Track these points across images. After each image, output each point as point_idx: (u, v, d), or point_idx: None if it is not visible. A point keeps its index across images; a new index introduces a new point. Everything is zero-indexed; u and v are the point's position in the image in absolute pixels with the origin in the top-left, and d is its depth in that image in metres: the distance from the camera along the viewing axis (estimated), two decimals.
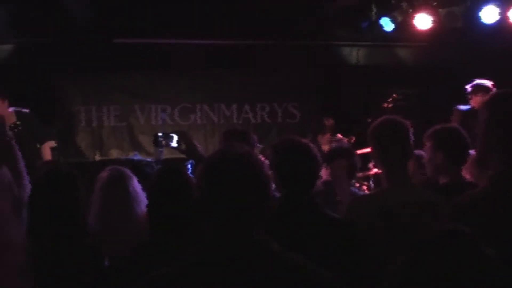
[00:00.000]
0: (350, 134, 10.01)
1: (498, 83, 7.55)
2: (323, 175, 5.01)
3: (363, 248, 3.20)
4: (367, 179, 8.74)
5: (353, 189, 5.50)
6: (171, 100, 11.69)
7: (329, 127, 11.01)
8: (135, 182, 4.10)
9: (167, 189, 3.17)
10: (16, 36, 10.34)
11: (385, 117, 3.87)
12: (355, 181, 6.83)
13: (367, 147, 7.95)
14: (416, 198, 3.53)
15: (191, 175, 3.58)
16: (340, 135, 9.60)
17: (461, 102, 7.97)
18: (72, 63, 10.69)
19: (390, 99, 9.48)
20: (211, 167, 2.16)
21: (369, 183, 8.63)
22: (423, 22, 9.49)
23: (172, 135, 5.64)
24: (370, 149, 3.99)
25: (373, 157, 4.01)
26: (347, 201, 4.15)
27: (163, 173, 3.35)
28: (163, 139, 5.72)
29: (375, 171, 8.24)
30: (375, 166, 8.04)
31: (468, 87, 7.89)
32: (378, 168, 4.12)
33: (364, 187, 8.00)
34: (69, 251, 3.26)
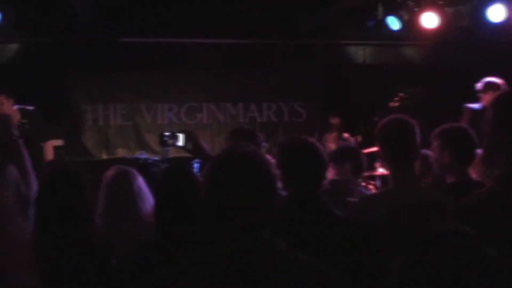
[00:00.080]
0: (356, 133, 10.01)
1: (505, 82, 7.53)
2: (330, 174, 5.00)
3: (370, 248, 3.19)
4: (374, 178, 8.72)
5: (360, 188, 5.50)
6: (177, 99, 11.69)
7: (335, 126, 10.99)
8: (140, 181, 4.11)
9: (173, 188, 3.18)
10: (22, 35, 10.37)
11: (391, 117, 3.86)
12: (362, 181, 6.81)
13: (373, 146, 7.95)
14: (423, 197, 3.52)
15: (197, 174, 3.57)
16: (346, 134, 9.59)
17: (468, 101, 7.93)
18: (78, 62, 10.71)
19: (397, 98, 9.47)
20: (217, 166, 2.16)
21: (376, 183, 8.61)
22: (429, 21, 9.48)
23: (179, 134, 5.61)
24: (376, 149, 3.97)
25: (379, 156, 3.99)
26: (354, 201, 4.14)
27: (170, 172, 3.35)
28: (169, 138, 5.68)
29: (381, 170, 8.23)
30: (381, 165, 8.03)
31: (479, 84, 7.79)
32: (385, 167, 4.11)
33: (370, 186, 7.99)
34: (75, 249, 3.26)
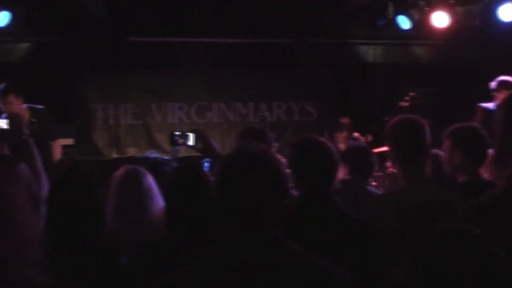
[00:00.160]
0: (367, 133, 9.98)
1: None
2: (340, 173, 4.99)
3: (381, 248, 3.18)
4: (384, 178, 8.69)
5: (370, 188, 5.48)
6: (187, 98, 11.67)
7: (345, 125, 10.92)
8: (150, 179, 4.12)
9: (184, 188, 3.18)
10: (32, 34, 10.38)
11: (401, 116, 3.86)
12: (372, 180, 6.80)
13: (384, 146, 7.92)
14: (434, 197, 3.51)
15: (208, 173, 3.58)
16: (357, 134, 9.56)
17: (479, 100, 7.90)
18: (88, 61, 10.72)
19: (407, 98, 9.46)
20: (228, 166, 2.16)
21: (386, 182, 8.58)
22: (440, 20, 9.46)
23: (189, 133, 5.62)
24: (387, 148, 3.97)
25: (389, 156, 3.99)
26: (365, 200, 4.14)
27: (181, 172, 3.36)
28: (179, 137, 5.70)
29: (391, 170, 8.20)
30: (392, 165, 8.00)
31: (493, 83, 7.74)
32: (395, 167, 4.10)
33: (381, 186, 7.97)
34: (86, 248, 3.27)
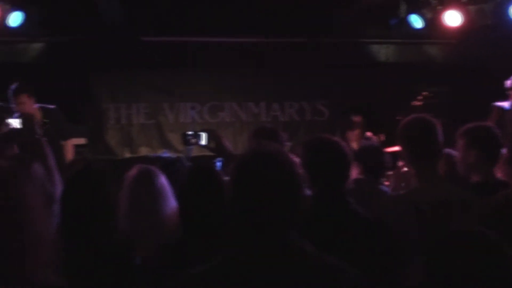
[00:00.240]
0: (379, 132, 9.95)
1: None
2: (353, 173, 4.98)
3: (394, 247, 3.18)
4: (396, 177, 8.65)
5: (383, 187, 5.47)
6: (200, 97, 11.67)
7: (358, 124, 10.89)
8: (162, 179, 4.11)
9: (198, 188, 3.18)
10: (45, 34, 10.42)
11: (414, 116, 3.85)
12: (385, 180, 6.78)
13: (396, 145, 7.90)
14: (448, 196, 3.50)
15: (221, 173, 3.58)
16: (369, 133, 9.54)
17: (491, 100, 7.87)
18: (101, 61, 10.73)
19: (420, 97, 9.43)
20: (242, 166, 2.16)
21: (398, 182, 8.54)
22: (452, 19, 9.44)
23: (201, 133, 5.63)
24: (399, 148, 3.96)
25: (402, 156, 3.98)
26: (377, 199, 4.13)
27: (194, 172, 3.36)
28: (192, 137, 5.70)
29: (404, 169, 8.17)
30: (404, 164, 7.98)
31: (508, 82, 7.70)
32: (408, 166, 4.09)
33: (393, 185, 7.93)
34: (99, 248, 3.27)
